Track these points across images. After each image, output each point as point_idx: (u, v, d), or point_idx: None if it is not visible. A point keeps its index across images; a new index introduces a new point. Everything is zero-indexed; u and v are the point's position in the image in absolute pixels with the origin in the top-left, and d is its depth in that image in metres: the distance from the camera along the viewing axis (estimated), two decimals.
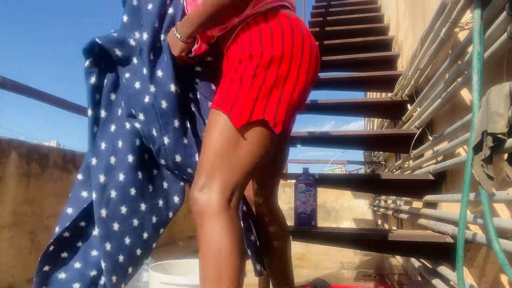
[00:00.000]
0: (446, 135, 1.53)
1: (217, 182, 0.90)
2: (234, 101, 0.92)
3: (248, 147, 0.93)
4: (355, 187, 2.49)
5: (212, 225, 0.87)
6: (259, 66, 0.93)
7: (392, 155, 3.43)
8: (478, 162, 0.90)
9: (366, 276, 2.65)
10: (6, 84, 1.83)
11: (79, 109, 2.49)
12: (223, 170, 0.91)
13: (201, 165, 0.94)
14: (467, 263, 1.38)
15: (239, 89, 0.93)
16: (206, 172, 0.91)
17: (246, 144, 0.92)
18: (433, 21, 1.67)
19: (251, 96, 0.92)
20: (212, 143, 0.93)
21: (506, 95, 0.84)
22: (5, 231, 1.63)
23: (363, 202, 5.63)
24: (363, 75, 2.82)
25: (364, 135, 2.58)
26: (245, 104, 0.91)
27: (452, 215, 1.43)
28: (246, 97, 0.92)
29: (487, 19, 1.10)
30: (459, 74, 1.38)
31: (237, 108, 0.91)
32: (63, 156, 1.99)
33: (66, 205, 1.08)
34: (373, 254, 3.50)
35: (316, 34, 3.66)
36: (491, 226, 0.90)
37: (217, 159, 0.91)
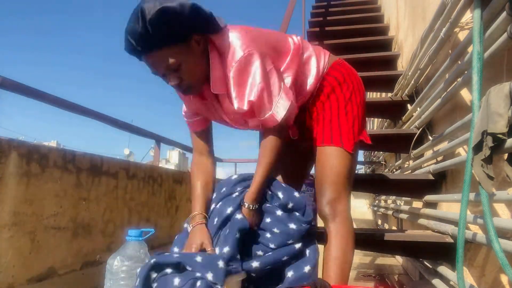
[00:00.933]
0: (446, 135, 1.53)
1: (344, 197, 1.23)
2: (340, 133, 1.24)
3: (356, 162, 1.34)
4: (355, 187, 2.48)
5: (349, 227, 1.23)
6: (346, 100, 1.27)
7: (392, 155, 3.43)
8: (478, 162, 0.90)
9: (366, 276, 2.65)
10: (6, 84, 1.83)
11: (79, 109, 2.49)
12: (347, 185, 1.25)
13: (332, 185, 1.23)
14: (467, 263, 1.38)
15: (339, 122, 1.25)
16: (334, 189, 1.22)
17: (355, 160, 1.31)
18: (433, 21, 1.67)
19: (349, 124, 1.25)
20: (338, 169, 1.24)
21: (506, 95, 0.84)
22: (5, 231, 1.63)
23: (363, 202, 5.62)
24: (363, 75, 2.80)
25: None
26: (349, 132, 1.25)
27: (452, 215, 1.43)
28: (346, 126, 1.24)
29: (487, 19, 1.10)
30: (459, 74, 1.38)
31: (345, 139, 1.23)
32: (63, 156, 1.99)
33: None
34: (373, 254, 3.50)
35: (316, 34, 3.66)
36: (491, 226, 0.89)
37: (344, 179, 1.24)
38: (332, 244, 1.20)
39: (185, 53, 1.08)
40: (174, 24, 1.03)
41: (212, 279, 1.00)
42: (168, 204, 3.31)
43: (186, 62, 1.09)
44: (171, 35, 1.04)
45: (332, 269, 1.17)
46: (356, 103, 1.28)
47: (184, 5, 1.03)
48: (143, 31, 1.01)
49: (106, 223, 2.34)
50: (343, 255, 1.19)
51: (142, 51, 1.06)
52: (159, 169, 3.23)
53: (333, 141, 1.24)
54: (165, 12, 1.00)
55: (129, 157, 19.66)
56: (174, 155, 24.43)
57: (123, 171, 2.55)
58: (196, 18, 1.06)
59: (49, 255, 1.86)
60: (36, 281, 1.78)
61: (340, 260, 1.18)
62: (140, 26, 1.00)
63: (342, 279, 1.15)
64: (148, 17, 0.99)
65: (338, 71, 1.31)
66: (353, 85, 1.29)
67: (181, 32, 1.06)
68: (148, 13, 0.99)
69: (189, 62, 1.10)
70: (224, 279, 1.01)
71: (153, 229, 1.38)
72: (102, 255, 2.26)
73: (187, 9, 1.03)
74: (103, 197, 2.32)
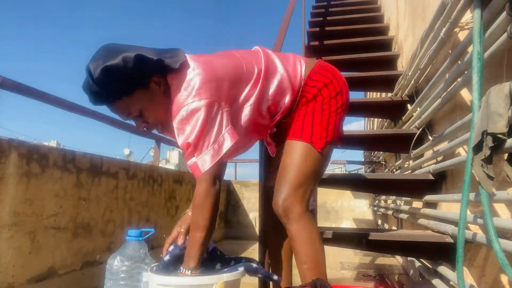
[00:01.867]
0: (446, 135, 1.53)
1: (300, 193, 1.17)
2: (312, 130, 1.21)
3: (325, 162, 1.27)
4: (355, 187, 2.49)
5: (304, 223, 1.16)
6: (323, 103, 1.23)
7: (392, 155, 3.43)
8: (478, 162, 0.90)
9: (366, 276, 2.65)
10: (6, 84, 1.83)
11: (79, 109, 2.49)
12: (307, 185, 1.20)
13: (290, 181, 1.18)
14: (467, 263, 1.38)
15: (313, 120, 1.22)
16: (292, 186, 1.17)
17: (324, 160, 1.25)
18: (433, 21, 1.67)
19: (324, 123, 1.21)
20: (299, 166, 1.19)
21: (506, 95, 0.84)
22: (5, 231, 1.63)
23: (363, 202, 5.62)
24: (363, 75, 2.82)
25: (364, 135, 2.58)
26: (321, 131, 1.21)
27: (452, 215, 1.43)
28: (319, 126, 1.21)
29: (487, 19, 1.10)
30: (459, 74, 1.38)
31: (316, 136, 1.20)
32: (63, 156, 1.99)
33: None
34: (373, 254, 3.50)
35: (316, 34, 3.66)
36: (491, 226, 0.89)
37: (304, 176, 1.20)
38: (297, 249, 1.15)
39: (145, 98, 1.09)
40: (120, 79, 1.04)
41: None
42: (168, 204, 3.31)
43: (148, 107, 1.10)
44: (123, 88, 1.06)
45: (307, 275, 1.12)
46: (336, 105, 1.24)
47: (127, 59, 1.03)
48: (94, 89, 1.04)
49: (106, 223, 2.34)
50: (312, 259, 1.14)
51: (103, 104, 1.09)
52: (159, 169, 3.23)
53: (302, 137, 1.20)
54: (109, 71, 1.02)
55: (129, 157, 19.62)
56: (174, 155, 24.40)
57: (123, 171, 2.56)
58: (143, 67, 1.06)
59: (49, 255, 1.86)
60: (36, 281, 1.78)
61: (312, 264, 1.14)
62: (91, 84, 1.04)
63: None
64: (94, 76, 1.02)
65: (319, 76, 1.26)
66: (334, 88, 1.25)
67: (133, 81, 1.06)
68: (94, 73, 1.02)
69: (151, 106, 1.11)
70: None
71: (153, 229, 1.38)
72: (102, 255, 2.26)
73: (131, 63, 1.03)
74: (103, 197, 2.32)
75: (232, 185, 5.45)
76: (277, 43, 2.08)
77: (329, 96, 1.23)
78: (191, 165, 1.09)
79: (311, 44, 3.53)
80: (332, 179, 1.97)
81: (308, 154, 1.20)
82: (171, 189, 3.38)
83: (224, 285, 1.02)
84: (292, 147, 1.22)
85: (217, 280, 1.03)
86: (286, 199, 1.16)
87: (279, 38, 2.14)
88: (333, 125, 1.23)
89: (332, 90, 1.24)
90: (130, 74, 1.05)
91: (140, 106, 1.10)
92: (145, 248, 1.30)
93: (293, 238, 1.16)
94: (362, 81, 2.86)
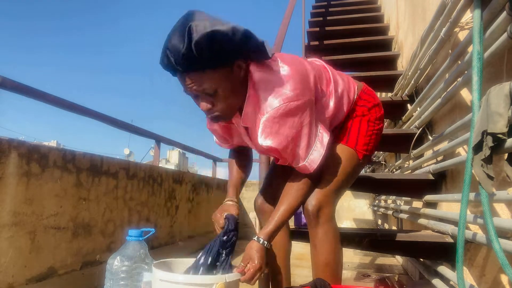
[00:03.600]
0: (446, 135, 1.53)
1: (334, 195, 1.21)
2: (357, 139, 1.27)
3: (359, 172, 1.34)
4: (355, 187, 2.48)
5: (332, 226, 1.20)
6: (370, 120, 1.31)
7: (392, 155, 3.43)
8: (478, 162, 0.90)
9: (366, 276, 2.65)
10: (6, 84, 1.83)
11: (79, 109, 2.49)
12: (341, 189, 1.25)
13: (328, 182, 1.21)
14: (467, 263, 1.38)
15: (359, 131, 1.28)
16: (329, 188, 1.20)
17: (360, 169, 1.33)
18: (433, 21, 1.67)
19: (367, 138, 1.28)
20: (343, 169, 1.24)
21: (506, 95, 0.84)
22: (5, 231, 1.63)
23: (363, 202, 5.62)
24: (363, 75, 2.82)
25: None
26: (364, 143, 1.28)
27: (452, 215, 1.43)
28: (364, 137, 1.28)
29: (487, 19, 1.10)
30: (459, 74, 1.38)
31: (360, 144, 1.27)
32: (63, 156, 1.99)
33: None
34: (373, 254, 3.50)
35: (316, 34, 3.66)
36: (491, 226, 0.89)
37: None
38: (320, 250, 1.18)
39: (225, 79, 1.00)
40: (222, 49, 0.94)
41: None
42: (168, 204, 3.31)
43: (224, 89, 1.01)
44: (215, 60, 0.96)
45: (324, 276, 1.14)
46: (379, 126, 1.33)
47: (237, 30, 0.95)
48: (186, 52, 0.91)
49: (106, 223, 2.34)
50: (333, 260, 1.18)
51: (181, 70, 0.97)
52: (159, 169, 3.23)
53: (348, 142, 1.26)
54: (215, 37, 0.91)
55: (129, 157, 19.66)
56: (174, 155, 24.43)
57: (123, 171, 2.56)
58: (245, 45, 0.99)
59: (49, 255, 1.86)
60: (36, 281, 1.78)
61: (331, 266, 1.17)
62: (184, 45, 0.91)
63: (336, 283, 1.14)
64: (195, 38, 0.90)
65: (368, 97, 1.34)
66: (380, 110, 1.34)
67: (227, 57, 0.98)
68: (196, 34, 0.90)
69: (227, 89, 1.01)
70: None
71: (153, 229, 1.38)
72: (102, 255, 2.26)
73: (239, 35, 0.95)
74: (103, 197, 2.32)
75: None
76: (277, 43, 2.08)
77: (375, 117, 1.32)
78: (300, 166, 1.12)
79: (311, 44, 3.53)
80: None
81: (350, 159, 1.24)
82: (171, 189, 3.38)
83: (224, 286, 1.02)
84: (337, 150, 1.25)
85: (218, 280, 1.03)
86: (322, 200, 1.18)
87: (279, 38, 2.14)
88: (373, 142, 1.30)
89: (378, 111, 1.34)
90: (233, 47, 0.96)
91: (217, 85, 0.99)
92: (145, 248, 1.30)
93: (318, 240, 1.18)
94: (362, 81, 2.86)
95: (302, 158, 1.10)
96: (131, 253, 1.25)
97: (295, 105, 1.02)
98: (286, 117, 1.03)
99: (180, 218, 3.47)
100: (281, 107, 1.01)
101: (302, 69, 1.09)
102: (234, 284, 1.07)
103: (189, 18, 0.93)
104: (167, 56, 0.95)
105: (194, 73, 0.97)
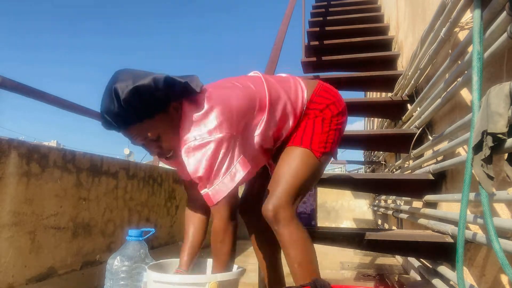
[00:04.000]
0: (446, 135, 1.53)
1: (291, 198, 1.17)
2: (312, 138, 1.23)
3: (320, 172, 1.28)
4: (355, 187, 2.49)
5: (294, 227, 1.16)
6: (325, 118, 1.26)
7: (392, 155, 3.43)
8: (478, 162, 0.90)
9: (366, 276, 2.65)
10: (6, 84, 1.83)
11: (79, 109, 2.48)
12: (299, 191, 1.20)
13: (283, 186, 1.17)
14: (467, 263, 1.38)
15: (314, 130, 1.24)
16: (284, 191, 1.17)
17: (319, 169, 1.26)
18: (433, 21, 1.67)
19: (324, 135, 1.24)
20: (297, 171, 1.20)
21: (506, 95, 0.84)
22: (5, 231, 1.63)
23: (363, 202, 5.62)
24: (363, 75, 2.82)
25: (364, 135, 2.58)
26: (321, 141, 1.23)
27: (452, 215, 1.43)
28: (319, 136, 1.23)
29: (487, 19, 1.10)
30: (459, 74, 1.38)
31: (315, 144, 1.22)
32: (63, 156, 1.99)
33: None
34: (373, 254, 3.50)
35: (316, 34, 3.66)
36: (491, 226, 0.89)
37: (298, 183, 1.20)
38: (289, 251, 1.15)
39: (163, 123, 1.08)
40: (149, 100, 1.02)
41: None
42: (168, 204, 3.31)
43: (165, 131, 1.09)
44: (147, 110, 1.04)
45: (299, 275, 1.13)
46: (337, 122, 1.27)
47: (158, 80, 1.02)
48: (118, 110, 1.01)
49: (106, 223, 2.34)
50: (304, 259, 1.15)
51: (120, 127, 1.06)
52: (159, 169, 3.23)
53: (302, 143, 1.22)
54: (139, 91, 1.00)
55: (129, 157, 19.64)
56: None
57: (123, 171, 2.56)
58: (171, 90, 1.05)
59: (49, 255, 1.86)
60: (36, 281, 1.78)
61: (304, 264, 1.14)
62: (115, 106, 1.00)
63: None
64: (122, 97, 0.99)
65: (320, 99, 1.28)
66: (336, 107, 1.28)
67: (157, 105, 1.05)
68: (121, 93, 0.99)
69: (168, 130, 1.09)
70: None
71: (153, 229, 1.38)
72: (102, 255, 2.26)
73: (161, 84, 1.02)
74: (103, 197, 2.32)
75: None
76: (277, 43, 2.08)
77: (331, 115, 1.26)
78: (204, 194, 1.10)
79: (311, 44, 3.53)
80: (332, 179, 1.97)
81: (305, 160, 1.21)
82: (171, 189, 3.38)
83: (217, 285, 1.02)
84: (291, 152, 1.22)
85: (210, 279, 1.03)
86: (277, 204, 1.15)
87: (279, 38, 2.14)
88: (332, 139, 1.25)
89: (335, 109, 1.28)
90: (159, 95, 1.03)
91: (159, 130, 1.08)
92: (145, 248, 1.30)
93: (283, 241, 1.15)
94: (362, 81, 2.86)
95: (208, 187, 1.08)
96: (131, 253, 1.25)
97: (210, 139, 1.05)
98: (201, 148, 1.05)
99: (180, 218, 3.47)
100: (199, 138, 1.05)
101: (228, 107, 1.10)
102: (228, 283, 1.07)
103: (113, 80, 1.02)
104: (105, 119, 1.04)
105: (134, 127, 1.06)
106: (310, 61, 3.26)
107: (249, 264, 2.63)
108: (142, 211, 2.83)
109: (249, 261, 2.72)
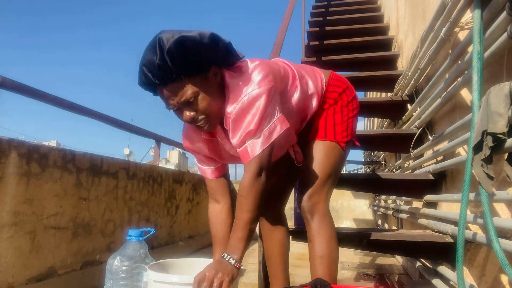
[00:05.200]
0: (446, 134, 1.53)
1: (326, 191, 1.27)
2: (334, 130, 1.29)
3: (345, 160, 1.38)
4: (355, 187, 2.49)
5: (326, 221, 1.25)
6: (343, 105, 1.33)
7: (392, 155, 3.43)
8: (478, 162, 0.90)
9: (366, 276, 2.65)
10: (6, 84, 1.83)
11: (79, 109, 2.49)
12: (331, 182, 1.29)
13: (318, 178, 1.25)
14: (467, 263, 1.38)
15: (335, 121, 1.30)
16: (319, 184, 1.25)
17: (345, 158, 1.35)
18: (433, 21, 1.67)
19: (344, 124, 1.31)
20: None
21: (506, 95, 0.84)
22: (5, 231, 1.63)
23: (363, 202, 5.63)
24: (363, 75, 2.82)
25: (364, 135, 2.58)
26: (343, 130, 1.30)
27: (452, 215, 1.43)
28: (340, 126, 1.30)
29: (487, 19, 1.10)
30: (459, 74, 1.38)
31: (338, 134, 1.29)
32: (63, 156, 1.99)
33: None
34: (373, 254, 3.50)
35: (316, 34, 3.66)
36: (491, 226, 0.89)
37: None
38: (316, 242, 1.22)
39: (202, 85, 1.04)
40: (193, 54, 0.99)
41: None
42: (168, 204, 3.31)
43: (203, 95, 1.05)
44: (189, 65, 1.00)
45: (319, 268, 1.18)
46: (353, 108, 1.35)
47: (204, 34, 1.00)
48: (160, 62, 0.97)
49: (106, 223, 2.34)
50: (328, 254, 1.20)
51: (159, 83, 1.02)
52: (159, 169, 3.23)
53: (327, 136, 1.29)
54: (184, 42, 0.97)
55: (129, 157, 19.67)
56: (174, 155, 24.44)
57: (123, 171, 2.56)
58: (215, 47, 1.02)
59: (49, 255, 1.86)
60: (36, 281, 1.78)
61: (326, 258, 1.19)
62: (157, 57, 0.97)
63: (330, 278, 1.14)
64: (166, 47, 0.96)
65: (337, 82, 1.37)
66: (350, 93, 1.37)
67: (200, 62, 1.02)
68: (166, 43, 0.96)
69: (206, 95, 1.05)
70: None
71: (153, 229, 1.38)
72: (102, 255, 2.26)
73: (206, 38, 0.99)
74: (103, 197, 2.32)
75: (232, 184, 5.46)
76: (277, 43, 2.08)
77: (347, 100, 1.34)
78: (241, 151, 1.07)
79: (311, 44, 3.53)
80: None
81: (333, 152, 1.28)
82: (171, 189, 3.38)
83: None
84: (318, 146, 1.29)
85: None
86: (314, 196, 1.23)
87: (279, 38, 2.14)
88: (351, 125, 1.33)
89: (350, 94, 1.36)
90: (203, 51, 1.00)
91: (196, 91, 1.03)
92: (146, 248, 1.30)
93: (314, 233, 1.22)
94: (362, 81, 2.86)
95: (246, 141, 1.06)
96: (131, 253, 1.25)
97: (257, 92, 1.05)
98: (251, 105, 1.05)
99: (180, 218, 3.48)
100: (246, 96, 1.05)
101: (270, 63, 1.16)
102: (233, 283, 1.07)
103: (158, 35, 1.00)
104: (144, 73, 1.01)
105: (172, 84, 1.01)
106: (310, 61, 3.26)
107: (249, 264, 2.63)
108: (142, 211, 2.83)
109: (249, 261, 2.72)
